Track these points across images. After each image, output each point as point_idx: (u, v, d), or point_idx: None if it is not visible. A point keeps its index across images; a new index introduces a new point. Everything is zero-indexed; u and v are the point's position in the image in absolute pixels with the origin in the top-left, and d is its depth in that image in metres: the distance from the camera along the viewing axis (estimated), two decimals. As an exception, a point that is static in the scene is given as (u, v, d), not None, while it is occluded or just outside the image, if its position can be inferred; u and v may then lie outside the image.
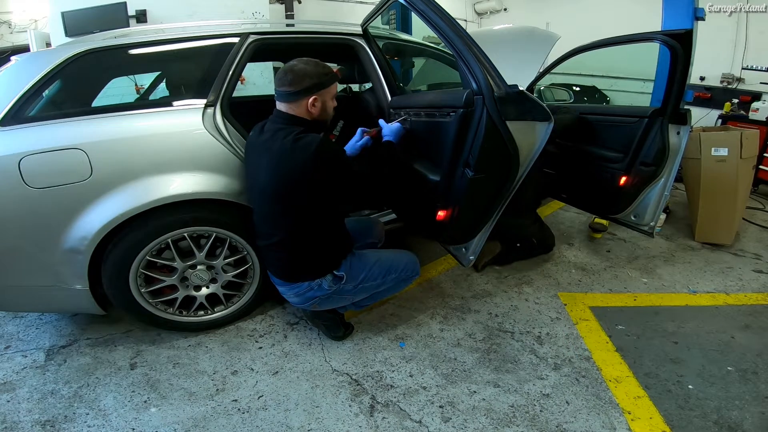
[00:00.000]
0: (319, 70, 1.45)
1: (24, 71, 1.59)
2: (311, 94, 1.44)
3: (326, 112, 1.53)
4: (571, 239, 2.85)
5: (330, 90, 1.50)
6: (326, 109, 1.52)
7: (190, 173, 1.64)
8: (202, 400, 1.51)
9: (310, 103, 1.45)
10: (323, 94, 1.47)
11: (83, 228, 1.52)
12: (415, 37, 2.92)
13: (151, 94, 2.42)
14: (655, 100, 3.40)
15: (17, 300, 1.66)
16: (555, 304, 2.09)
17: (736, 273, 2.40)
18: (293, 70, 1.44)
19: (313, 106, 1.46)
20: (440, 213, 1.62)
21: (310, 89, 1.43)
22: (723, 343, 1.78)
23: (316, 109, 1.47)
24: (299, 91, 1.43)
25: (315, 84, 1.44)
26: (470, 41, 1.37)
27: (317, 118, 1.50)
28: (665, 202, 2.24)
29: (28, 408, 1.48)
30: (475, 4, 7.95)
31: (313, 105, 1.46)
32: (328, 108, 1.52)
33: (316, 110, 1.48)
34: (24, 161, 1.43)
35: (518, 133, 1.41)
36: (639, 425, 1.38)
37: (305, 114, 1.48)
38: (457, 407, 1.47)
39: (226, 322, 1.91)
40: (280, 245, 1.55)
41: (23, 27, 5.64)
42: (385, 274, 1.68)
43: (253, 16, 4.95)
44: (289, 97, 1.45)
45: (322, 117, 1.52)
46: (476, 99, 1.36)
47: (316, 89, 1.44)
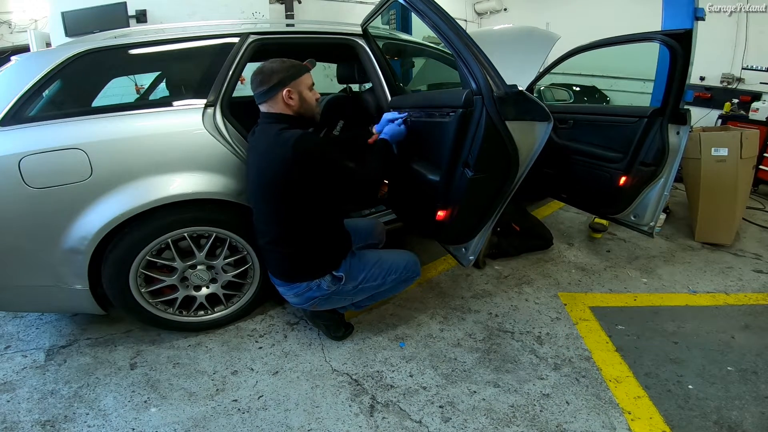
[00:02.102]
0: (285, 65, 1.48)
1: (24, 71, 1.59)
2: (283, 87, 1.46)
3: (307, 104, 1.52)
4: (571, 239, 2.85)
5: (302, 80, 1.50)
6: (305, 100, 1.51)
7: (190, 173, 1.64)
8: (202, 400, 1.51)
9: (285, 96, 1.46)
10: (296, 85, 1.48)
11: (83, 228, 1.52)
12: (415, 37, 2.92)
13: (151, 94, 2.42)
14: (654, 100, 3.40)
15: (17, 300, 1.66)
16: (555, 304, 2.09)
17: (736, 273, 2.40)
18: (262, 70, 1.48)
19: (290, 98, 1.47)
20: (440, 213, 1.62)
21: (280, 83, 1.45)
22: (723, 343, 1.78)
23: (293, 101, 1.48)
24: (270, 87, 1.46)
25: (284, 77, 1.46)
26: (469, 41, 1.37)
27: (300, 112, 1.51)
28: (665, 202, 2.24)
29: (28, 408, 1.48)
30: (475, 4, 7.95)
31: (290, 98, 1.47)
32: (307, 99, 1.52)
33: (294, 102, 1.48)
34: (24, 161, 1.43)
35: (518, 133, 1.41)
36: (639, 425, 1.38)
37: (285, 109, 1.49)
38: (457, 407, 1.47)
39: (226, 322, 1.91)
40: (276, 244, 1.56)
41: (23, 27, 5.64)
42: (385, 274, 1.68)
43: (253, 16, 4.96)
44: (264, 96, 1.48)
45: (305, 110, 1.52)
46: (476, 99, 1.36)
47: (287, 81, 1.46)
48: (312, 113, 1.55)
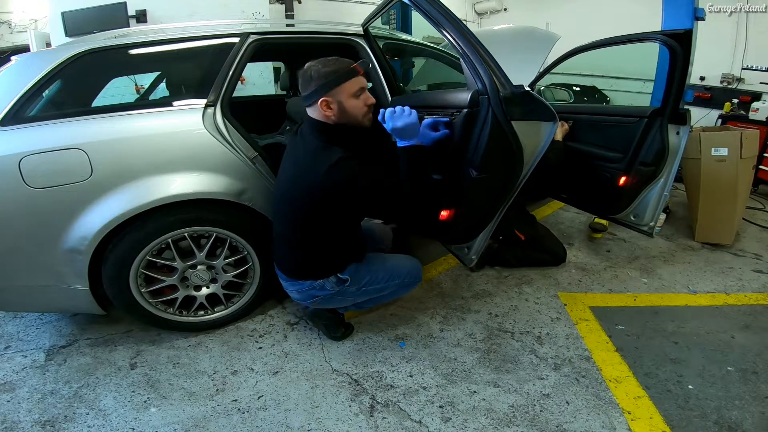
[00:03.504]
0: (327, 69, 1.34)
1: (24, 71, 1.59)
2: (319, 96, 1.34)
3: (350, 114, 1.38)
4: (571, 239, 2.85)
5: (344, 88, 1.35)
6: (348, 110, 1.37)
7: (191, 173, 1.63)
8: (202, 400, 1.51)
9: (323, 106, 1.35)
10: (335, 95, 1.35)
11: (84, 228, 1.52)
12: (415, 37, 2.92)
13: (151, 94, 2.43)
14: (654, 100, 3.40)
15: (18, 300, 1.66)
16: (555, 304, 2.09)
17: (736, 273, 2.40)
18: (304, 72, 1.37)
19: (328, 108, 1.36)
20: (443, 212, 1.62)
21: (317, 92, 1.35)
22: (723, 343, 1.78)
23: (332, 111, 1.36)
24: (309, 95, 1.37)
25: (321, 85, 1.34)
26: (475, 41, 1.37)
27: (341, 122, 1.39)
28: (665, 202, 2.24)
29: (28, 408, 1.48)
30: (475, 4, 7.96)
31: (328, 108, 1.36)
32: (350, 109, 1.37)
33: (333, 113, 1.37)
34: (24, 161, 1.43)
35: (523, 133, 1.41)
36: (639, 425, 1.38)
37: (324, 118, 1.39)
38: (457, 407, 1.47)
39: (226, 322, 1.90)
40: (288, 241, 1.56)
41: (23, 27, 5.65)
42: (388, 278, 1.68)
43: (253, 16, 4.96)
44: (305, 102, 1.40)
45: (347, 120, 1.39)
46: (481, 99, 1.35)
47: (323, 90, 1.34)
48: (357, 122, 1.41)
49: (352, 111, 1.38)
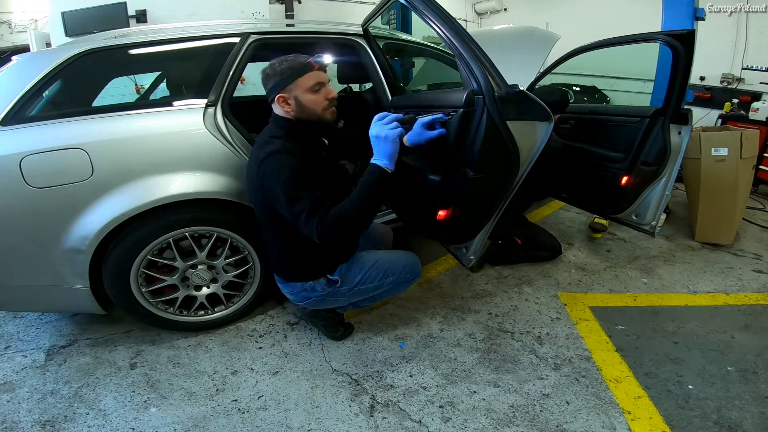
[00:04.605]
0: (282, 66, 1.37)
1: (24, 71, 1.59)
2: (276, 92, 1.38)
3: (309, 109, 1.40)
4: (571, 239, 2.85)
5: (299, 84, 1.37)
6: (305, 105, 1.39)
7: (191, 173, 1.64)
8: (202, 400, 1.51)
9: (280, 102, 1.40)
10: (290, 90, 1.37)
11: (84, 228, 1.52)
12: (415, 37, 2.92)
13: (151, 94, 2.42)
14: (655, 100, 3.40)
15: (18, 300, 1.66)
16: (555, 304, 2.09)
17: (736, 273, 2.40)
18: (263, 71, 1.42)
19: (286, 104, 1.39)
20: (440, 213, 1.62)
21: (274, 88, 1.39)
22: (723, 343, 1.78)
23: (290, 107, 1.39)
24: (268, 92, 1.42)
25: (277, 82, 1.38)
26: (470, 41, 1.37)
27: (301, 117, 1.41)
28: (666, 202, 2.24)
29: (28, 408, 1.48)
30: (475, 4, 7.95)
31: (286, 103, 1.39)
32: (307, 103, 1.39)
33: (291, 108, 1.40)
34: (25, 161, 1.43)
35: (519, 133, 1.41)
36: (639, 425, 1.38)
37: (285, 113, 1.43)
38: (457, 407, 1.47)
39: (227, 322, 1.91)
40: (268, 242, 1.60)
41: (23, 27, 5.65)
42: (382, 277, 1.66)
43: (253, 16, 4.96)
44: (268, 98, 1.44)
45: (307, 115, 1.41)
46: (476, 99, 1.36)
47: (279, 87, 1.37)
48: (317, 116, 1.42)
49: (309, 106, 1.40)
